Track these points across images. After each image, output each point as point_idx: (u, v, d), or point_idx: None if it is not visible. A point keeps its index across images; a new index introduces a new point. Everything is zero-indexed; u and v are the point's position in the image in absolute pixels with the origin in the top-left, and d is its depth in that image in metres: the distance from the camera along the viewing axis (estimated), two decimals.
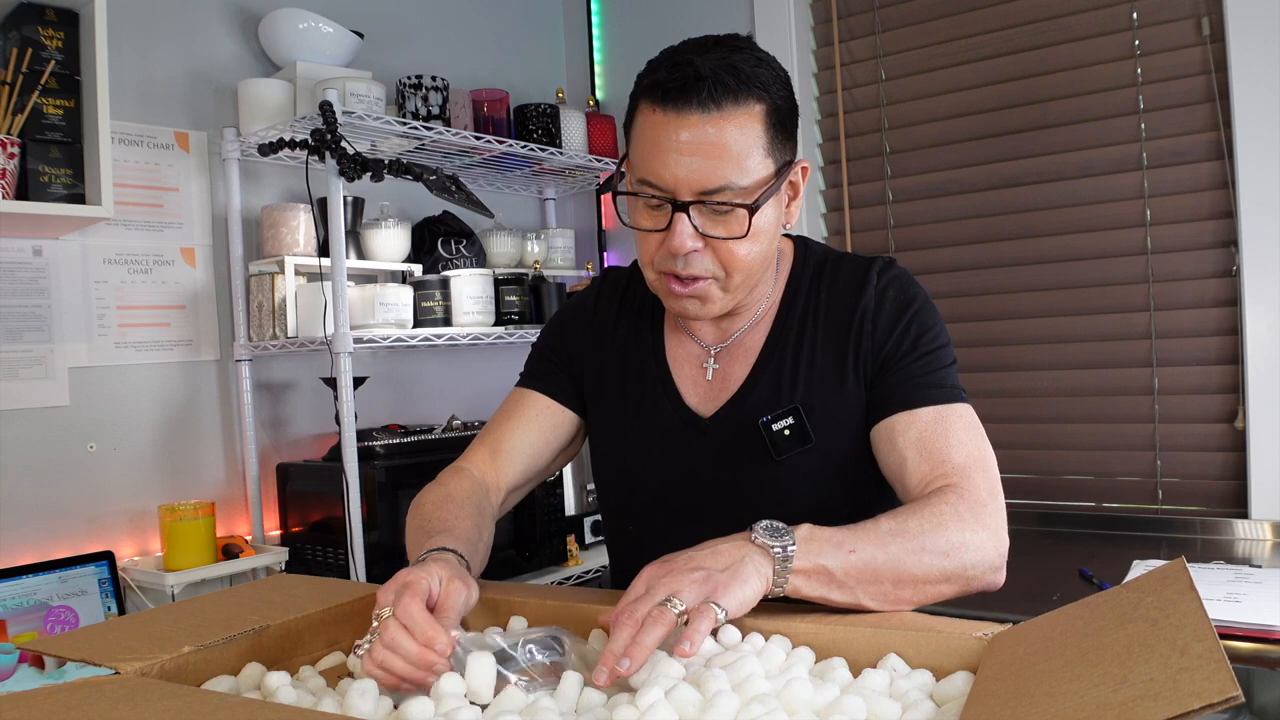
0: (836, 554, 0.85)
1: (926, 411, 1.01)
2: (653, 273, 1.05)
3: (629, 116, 1.03)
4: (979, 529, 0.92)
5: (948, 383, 1.04)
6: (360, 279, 2.06)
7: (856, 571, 0.85)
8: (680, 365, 1.15)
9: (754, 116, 0.97)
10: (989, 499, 0.96)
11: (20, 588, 1.66)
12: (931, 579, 0.88)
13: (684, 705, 0.68)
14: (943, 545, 0.88)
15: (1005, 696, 0.60)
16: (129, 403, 1.90)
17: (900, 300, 1.08)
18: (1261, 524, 1.84)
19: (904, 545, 0.87)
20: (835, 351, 1.08)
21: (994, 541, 0.93)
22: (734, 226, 0.98)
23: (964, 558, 0.89)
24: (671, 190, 0.97)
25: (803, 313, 1.11)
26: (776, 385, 1.08)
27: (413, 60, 2.34)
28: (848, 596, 0.85)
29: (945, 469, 0.97)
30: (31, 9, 1.62)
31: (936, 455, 0.98)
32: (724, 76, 0.95)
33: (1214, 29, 1.90)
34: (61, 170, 1.63)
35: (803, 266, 1.14)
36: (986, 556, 0.92)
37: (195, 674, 0.80)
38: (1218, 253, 1.93)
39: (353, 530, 1.81)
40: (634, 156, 1.01)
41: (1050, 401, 2.13)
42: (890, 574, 0.86)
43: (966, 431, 1.00)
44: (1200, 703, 0.48)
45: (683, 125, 0.95)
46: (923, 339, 1.05)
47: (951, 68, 2.24)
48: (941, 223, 2.27)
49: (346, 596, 0.96)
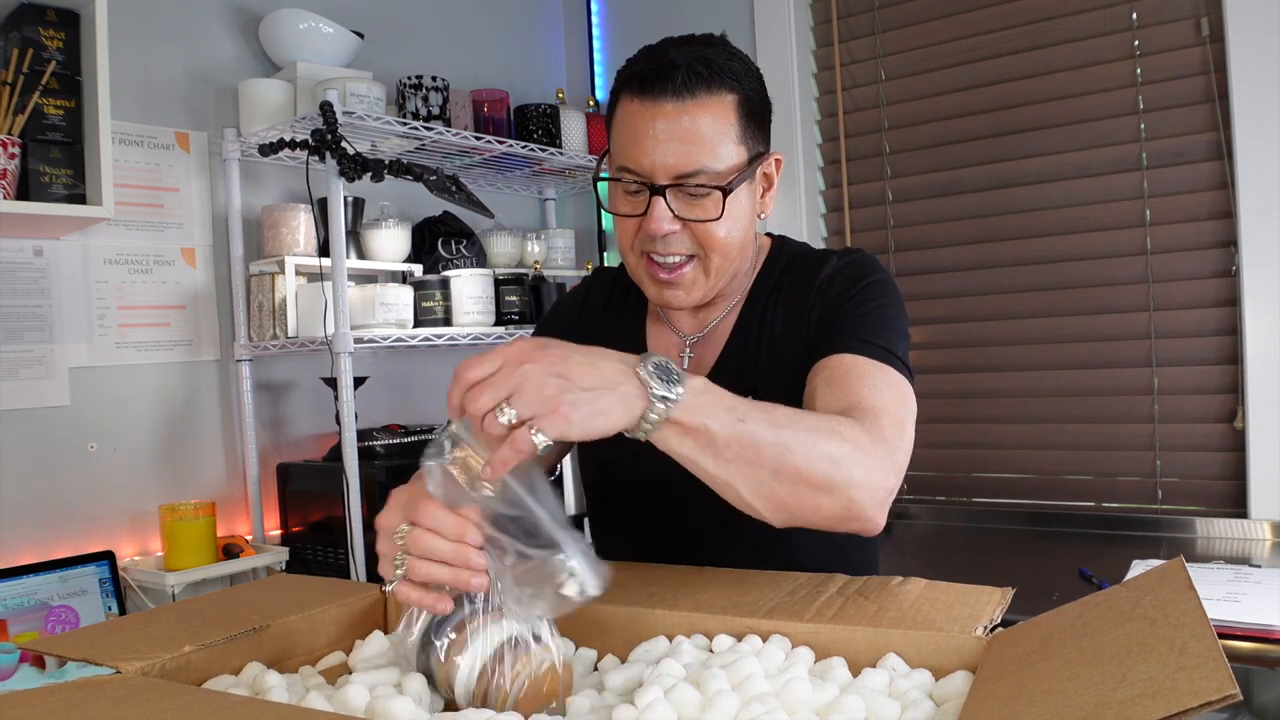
0: (725, 418, 0.78)
1: (849, 358, 0.98)
2: (634, 258, 1.08)
3: (610, 110, 1.07)
4: (875, 455, 0.86)
5: (885, 344, 1.00)
6: (360, 279, 2.06)
7: (739, 443, 0.78)
8: None
9: (726, 106, 1.01)
10: (894, 437, 0.90)
11: (21, 587, 1.66)
12: (813, 482, 0.82)
13: (683, 705, 0.68)
14: (835, 452, 0.83)
15: (1004, 696, 0.60)
16: (129, 403, 1.90)
17: (856, 274, 1.09)
18: (1261, 524, 1.84)
19: (796, 435, 0.81)
20: (793, 327, 1.10)
21: (886, 472, 0.87)
22: (709, 209, 1.02)
23: (852, 473, 0.83)
24: (649, 175, 1.01)
25: (768, 298, 1.14)
26: (740, 368, 1.11)
27: (413, 60, 2.35)
28: (720, 470, 0.79)
29: (853, 405, 0.92)
30: (32, 9, 1.62)
31: (847, 392, 0.94)
32: (697, 66, 0.99)
33: (1214, 29, 1.90)
34: (62, 170, 1.63)
35: (775, 260, 1.17)
36: (874, 481, 0.85)
37: (196, 674, 0.80)
38: (1217, 253, 1.93)
39: (353, 530, 1.82)
40: (614, 146, 1.06)
41: (1050, 401, 2.13)
42: (773, 459, 0.80)
43: (890, 386, 0.96)
44: (1198, 701, 0.48)
45: (659, 113, 0.99)
46: (868, 304, 1.05)
47: (951, 68, 2.24)
48: (941, 223, 2.27)
49: (347, 596, 0.96)
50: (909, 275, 2.30)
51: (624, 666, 0.79)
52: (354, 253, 2.06)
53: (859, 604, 0.85)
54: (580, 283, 1.33)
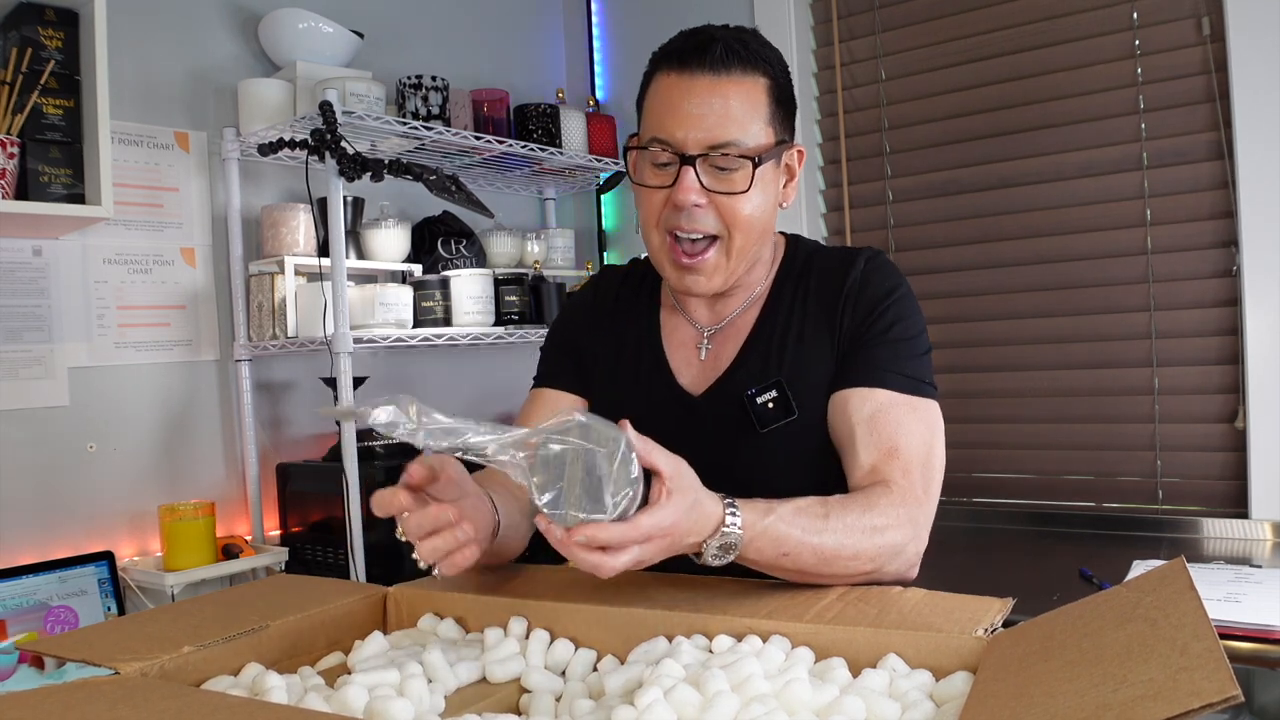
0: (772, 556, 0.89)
1: (884, 394, 1.06)
2: (657, 237, 1.09)
3: (642, 91, 1.10)
4: (909, 527, 0.97)
5: (914, 374, 1.08)
6: (360, 279, 2.06)
7: (790, 570, 0.91)
8: (675, 348, 1.19)
9: (759, 88, 1.05)
10: (923, 494, 1.02)
11: (20, 588, 1.66)
12: (857, 577, 0.94)
13: (683, 705, 0.68)
14: (876, 551, 0.94)
15: (1005, 696, 0.60)
16: (129, 403, 1.90)
17: (883, 285, 1.12)
18: (1261, 524, 1.84)
19: (840, 553, 0.91)
20: (821, 328, 1.12)
21: (921, 538, 1.00)
22: (737, 182, 1.04)
23: (892, 561, 0.96)
24: (681, 145, 1.03)
25: (792, 295, 1.15)
26: (764, 361, 1.12)
27: (413, 60, 2.34)
28: (766, 571, 0.92)
29: (894, 461, 1.02)
30: (31, 9, 1.62)
31: (885, 438, 1.03)
32: (734, 45, 1.04)
33: (1214, 29, 1.90)
34: (61, 170, 1.63)
35: (794, 257, 1.19)
36: (909, 555, 0.98)
37: (195, 674, 0.80)
38: (1218, 253, 1.93)
39: (353, 530, 1.81)
40: (646, 121, 1.08)
41: (1050, 401, 2.13)
42: (820, 572, 0.92)
43: (920, 424, 1.05)
44: (1199, 702, 0.48)
45: (694, 86, 1.03)
46: (897, 325, 1.10)
47: (951, 68, 2.24)
48: (941, 223, 2.27)
49: (346, 596, 0.96)
50: (909, 275, 2.23)
51: (624, 667, 0.79)
52: (354, 253, 2.06)
53: (859, 607, 0.85)
54: (585, 284, 1.33)
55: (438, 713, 0.75)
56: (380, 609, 0.97)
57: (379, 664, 0.81)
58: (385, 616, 0.97)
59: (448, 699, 0.78)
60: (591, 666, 0.85)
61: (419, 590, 0.98)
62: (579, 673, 0.83)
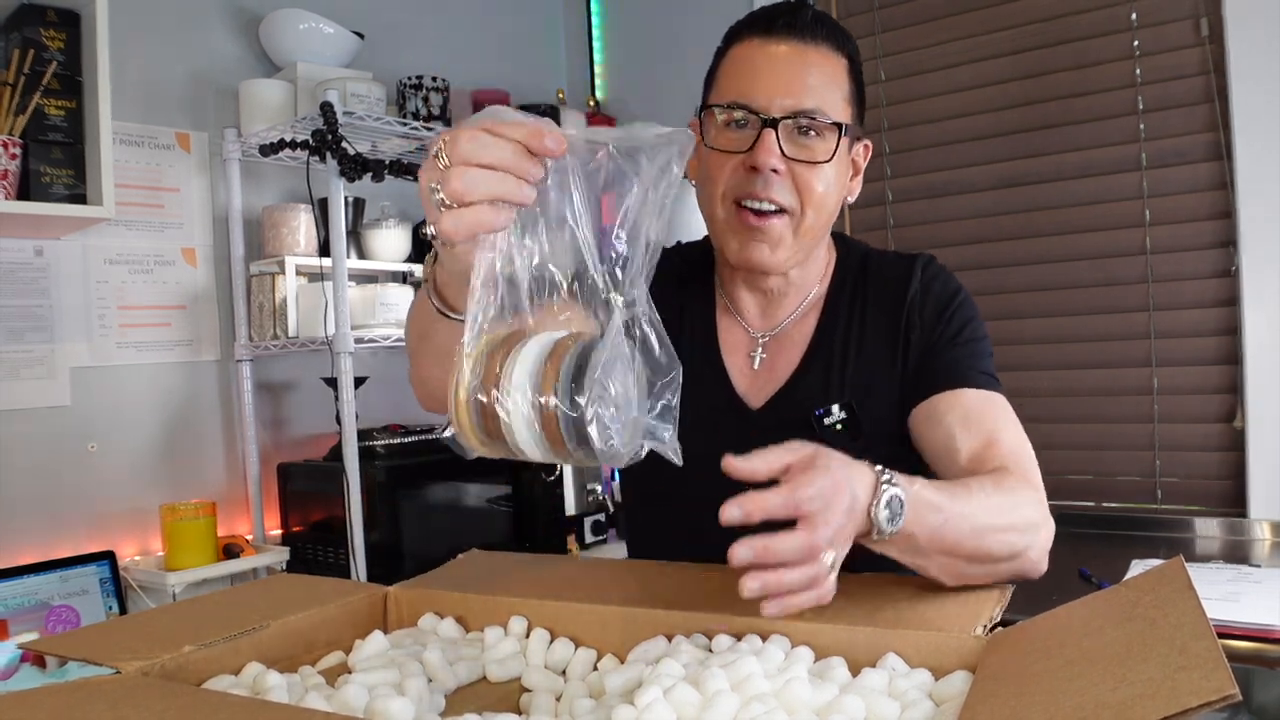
0: (932, 521, 0.81)
1: (971, 393, 1.03)
2: (724, 209, 1.03)
3: (715, 64, 1.06)
4: (1041, 510, 0.92)
5: (990, 371, 1.07)
6: (361, 279, 2.07)
7: (940, 545, 0.82)
8: (729, 351, 1.14)
9: (841, 66, 1.02)
10: (1039, 479, 0.97)
11: (21, 587, 1.66)
12: (1000, 558, 0.86)
13: (683, 705, 0.68)
14: (1019, 525, 0.87)
15: (1004, 696, 0.60)
16: (130, 403, 1.90)
17: (945, 292, 1.11)
18: (1260, 523, 1.84)
19: (990, 525, 0.84)
20: (884, 342, 1.09)
21: (1049, 521, 0.94)
22: (818, 152, 1.00)
23: (1032, 541, 0.89)
24: (764, 108, 0.99)
25: (850, 304, 1.11)
26: (826, 376, 1.08)
27: (413, 61, 2.34)
28: (918, 561, 0.83)
29: (997, 449, 0.97)
30: (33, 10, 1.62)
31: (985, 432, 0.99)
32: (822, 16, 1.02)
33: (1213, 30, 1.90)
34: (63, 171, 1.63)
35: (846, 260, 1.15)
36: (1043, 540, 0.92)
37: (196, 674, 0.80)
38: (1217, 253, 1.93)
39: (353, 530, 1.82)
40: (723, 86, 1.03)
41: (1049, 401, 2.13)
42: (970, 550, 0.83)
43: (1010, 418, 1.03)
44: (1198, 701, 0.48)
45: (780, 50, 1.00)
46: (966, 328, 1.09)
47: (951, 68, 2.24)
48: (941, 223, 2.27)
49: (347, 596, 0.96)
50: None
51: (624, 667, 0.79)
52: (354, 253, 2.06)
53: (858, 604, 0.85)
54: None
55: (438, 712, 0.75)
56: (380, 608, 0.97)
57: (379, 663, 0.81)
58: (385, 616, 0.97)
59: (448, 698, 0.78)
60: (591, 666, 0.85)
61: (419, 590, 0.98)
62: (579, 672, 0.83)
